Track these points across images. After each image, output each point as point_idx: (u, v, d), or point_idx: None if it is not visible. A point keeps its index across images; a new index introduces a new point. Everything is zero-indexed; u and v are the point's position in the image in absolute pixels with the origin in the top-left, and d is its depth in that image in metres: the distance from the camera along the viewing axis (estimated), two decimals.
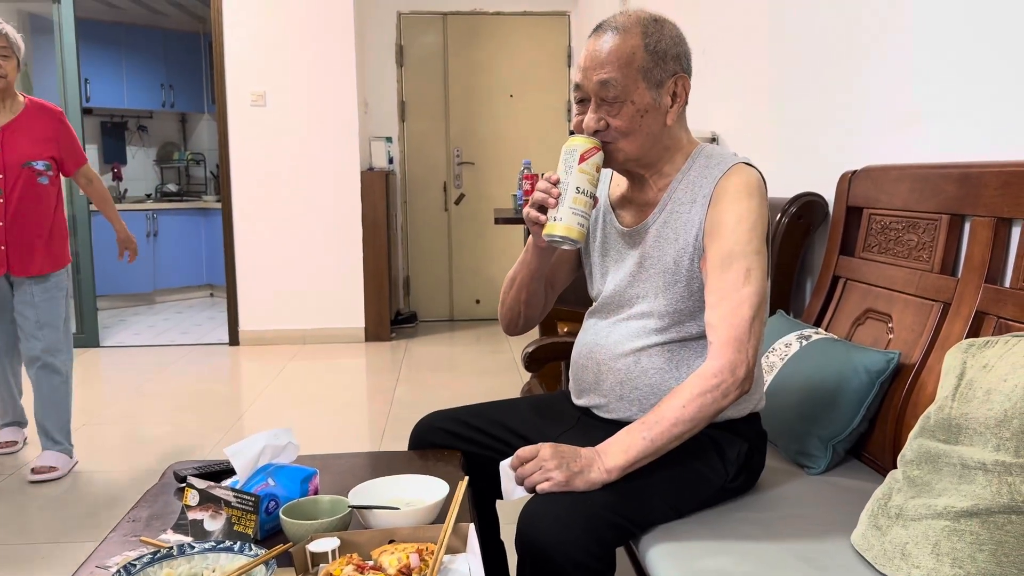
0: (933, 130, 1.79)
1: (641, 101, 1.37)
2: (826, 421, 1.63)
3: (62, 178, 3.14)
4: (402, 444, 3.28)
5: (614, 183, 1.56)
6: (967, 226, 1.61)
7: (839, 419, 1.62)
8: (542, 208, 1.38)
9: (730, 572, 1.21)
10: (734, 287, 1.33)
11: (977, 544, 1.07)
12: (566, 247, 1.40)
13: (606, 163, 1.42)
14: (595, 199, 1.38)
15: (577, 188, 1.35)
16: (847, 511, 1.40)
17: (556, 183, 1.37)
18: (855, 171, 1.99)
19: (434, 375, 4.53)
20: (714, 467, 1.41)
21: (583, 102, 1.41)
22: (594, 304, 1.56)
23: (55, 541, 2.49)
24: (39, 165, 2.96)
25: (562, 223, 1.35)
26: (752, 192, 1.37)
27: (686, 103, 1.43)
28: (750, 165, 1.42)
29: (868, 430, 1.67)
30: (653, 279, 1.44)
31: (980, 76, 1.63)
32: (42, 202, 3.00)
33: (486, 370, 4.63)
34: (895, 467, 1.27)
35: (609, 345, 1.47)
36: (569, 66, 6.07)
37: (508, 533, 1.69)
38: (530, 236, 1.49)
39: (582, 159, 1.36)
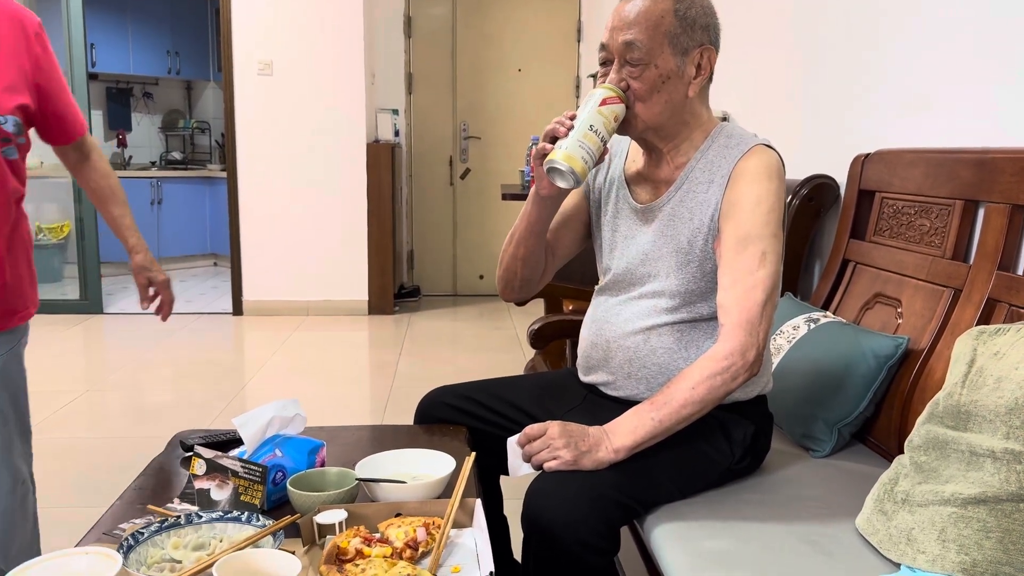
0: (949, 114, 1.77)
1: (665, 66, 1.36)
2: (832, 404, 1.63)
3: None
4: (404, 418, 3.28)
5: (630, 159, 1.55)
6: (981, 212, 1.60)
7: (845, 403, 1.62)
8: (553, 140, 1.37)
9: (734, 554, 1.21)
10: (748, 270, 1.33)
11: (984, 531, 1.07)
12: (564, 183, 1.37)
13: (624, 129, 1.41)
14: (606, 146, 1.37)
15: (591, 126, 1.34)
16: (852, 495, 1.40)
17: (572, 118, 1.36)
18: (868, 154, 1.97)
19: (437, 350, 4.54)
20: (720, 449, 1.42)
21: (607, 64, 1.41)
22: (604, 281, 1.55)
23: (59, 506, 2.51)
24: (7, 125, 1.50)
25: (565, 151, 1.33)
26: (771, 174, 1.36)
27: (710, 78, 1.42)
28: (770, 147, 1.40)
29: (874, 415, 1.66)
30: (666, 258, 1.43)
31: (999, 60, 1.61)
32: (4, 191, 1.53)
33: (489, 346, 4.64)
34: (900, 452, 1.27)
35: (619, 323, 1.47)
36: (579, 41, 6.01)
37: (511, 509, 1.69)
38: (532, 187, 1.47)
39: (603, 103, 1.35)
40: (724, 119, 3.06)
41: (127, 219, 1.80)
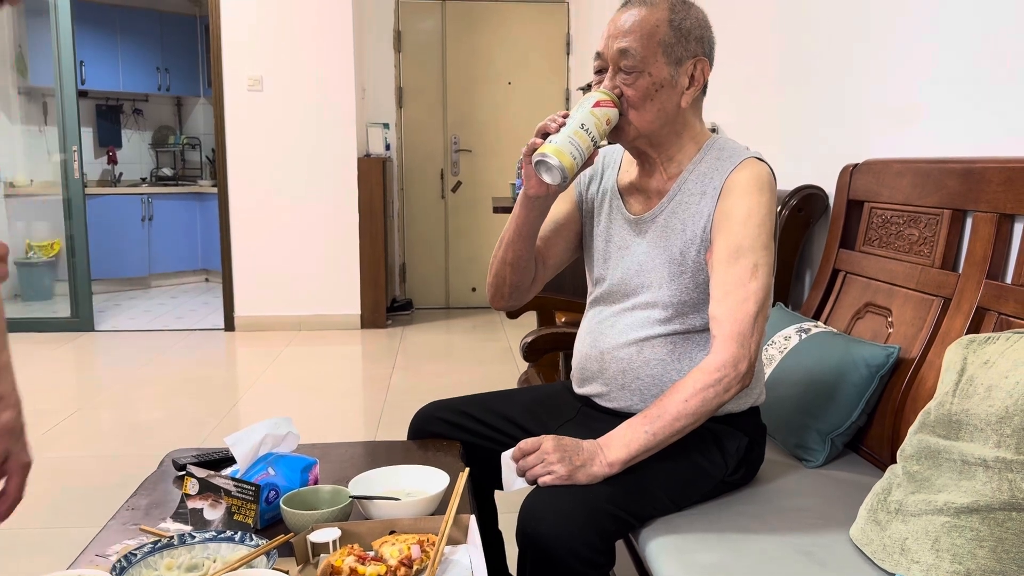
0: (936, 124, 1.78)
1: (658, 75, 1.37)
2: (825, 414, 1.63)
3: None
4: (398, 432, 3.28)
5: (623, 170, 1.56)
6: (969, 221, 1.61)
7: (838, 413, 1.62)
8: (545, 136, 1.38)
9: (729, 566, 1.21)
10: (740, 282, 1.33)
11: (977, 540, 1.07)
12: (550, 179, 1.37)
13: (616, 136, 1.42)
14: (595, 147, 1.38)
15: (582, 125, 1.35)
16: (846, 505, 1.41)
17: (565, 116, 1.38)
18: (856, 164, 1.99)
19: (430, 363, 4.53)
20: (714, 460, 1.42)
21: (601, 72, 1.42)
22: (599, 292, 1.55)
23: (51, 527, 2.49)
24: None
25: (555, 145, 1.34)
26: (763, 187, 1.38)
27: (703, 90, 1.43)
28: (761, 160, 1.42)
29: (867, 424, 1.67)
30: (658, 269, 1.43)
31: (985, 70, 1.62)
32: None
33: (482, 359, 4.63)
34: (893, 461, 1.28)
35: (614, 334, 1.47)
36: (568, 54, 6.04)
37: (506, 523, 1.69)
38: (521, 189, 1.47)
39: (596, 104, 1.37)
40: (713, 130, 3.08)
41: (4, 354, 1.08)
